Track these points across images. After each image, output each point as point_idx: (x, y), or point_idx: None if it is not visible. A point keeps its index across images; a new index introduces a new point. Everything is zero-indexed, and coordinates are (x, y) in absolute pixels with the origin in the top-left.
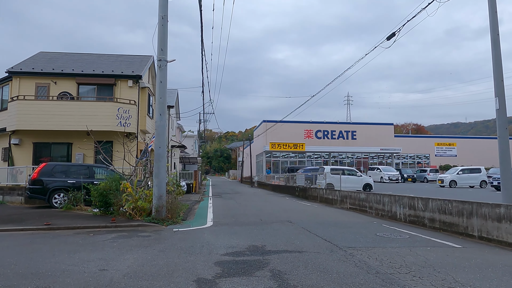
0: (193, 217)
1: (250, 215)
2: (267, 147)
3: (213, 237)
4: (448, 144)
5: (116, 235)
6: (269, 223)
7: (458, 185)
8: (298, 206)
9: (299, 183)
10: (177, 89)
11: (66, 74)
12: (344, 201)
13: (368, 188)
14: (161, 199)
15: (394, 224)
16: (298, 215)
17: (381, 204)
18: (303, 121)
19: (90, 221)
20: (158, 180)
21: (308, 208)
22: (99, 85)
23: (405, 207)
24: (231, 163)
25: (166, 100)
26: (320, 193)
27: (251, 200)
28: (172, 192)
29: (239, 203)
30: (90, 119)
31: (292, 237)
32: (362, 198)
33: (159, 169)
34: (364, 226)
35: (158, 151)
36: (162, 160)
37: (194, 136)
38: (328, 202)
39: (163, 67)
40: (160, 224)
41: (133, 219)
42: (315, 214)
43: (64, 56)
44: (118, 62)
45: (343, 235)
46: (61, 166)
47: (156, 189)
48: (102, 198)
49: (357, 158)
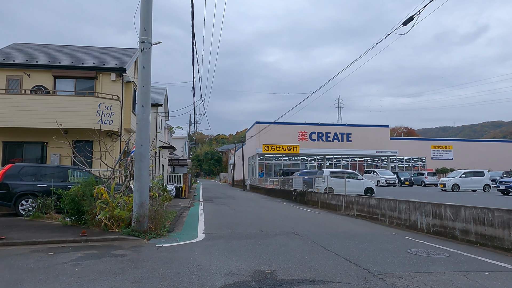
0: (182, 227)
1: (248, 224)
2: (260, 149)
3: (205, 257)
4: (444, 147)
5: (83, 253)
6: (273, 236)
7: (461, 189)
8: (299, 212)
9: (296, 187)
10: (166, 87)
11: (41, 66)
12: (350, 207)
13: (370, 192)
14: (142, 207)
15: (417, 236)
16: (303, 225)
17: (397, 211)
18: (297, 123)
19: (57, 234)
20: (140, 184)
21: (310, 215)
22: (79, 79)
23: (427, 216)
24: (222, 166)
25: (150, 89)
26: (321, 198)
27: (246, 206)
28: (157, 198)
29: (233, 209)
30: (68, 115)
31: (306, 256)
32: (373, 204)
33: (140, 171)
34: (386, 239)
35: (139, 150)
36: (145, 160)
37: (184, 137)
38: (330, 208)
39: (146, 50)
40: (141, 238)
41: (110, 230)
42: (322, 223)
43: (41, 47)
44: (100, 54)
45: (368, 253)
46: (31, 168)
47: (137, 195)
48: (73, 205)
49: (352, 161)
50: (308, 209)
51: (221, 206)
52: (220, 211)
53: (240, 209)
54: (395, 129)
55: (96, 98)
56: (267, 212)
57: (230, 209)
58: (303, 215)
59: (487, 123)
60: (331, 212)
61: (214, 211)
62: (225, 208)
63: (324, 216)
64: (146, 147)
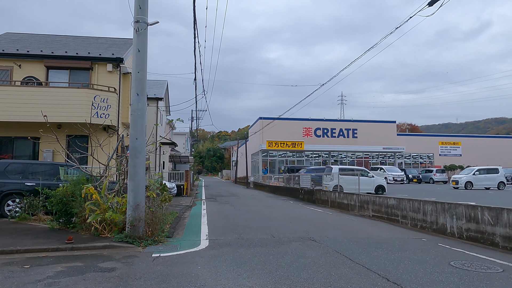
0: (183, 231)
1: (257, 227)
2: (264, 145)
3: (210, 273)
4: (452, 143)
5: (64, 267)
6: (286, 243)
7: (474, 187)
8: (309, 213)
9: (303, 185)
10: (166, 80)
11: (33, 56)
12: (365, 207)
13: (381, 190)
14: (137, 209)
15: (450, 242)
16: (317, 228)
17: (421, 213)
18: (301, 118)
19: (40, 240)
20: (134, 184)
21: (322, 216)
22: (73, 70)
23: (459, 219)
24: (224, 163)
25: (146, 75)
26: (332, 196)
27: (251, 205)
28: (155, 198)
29: (238, 209)
30: (61, 108)
31: (333, 272)
32: (392, 204)
33: (135, 169)
34: (418, 247)
35: (134, 144)
36: (140, 156)
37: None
38: (342, 208)
39: (141, 31)
40: (136, 245)
41: (101, 236)
42: (338, 226)
43: (34, 37)
44: (97, 44)
45: (405, 266)
46: (18, 165)
47: (132, 195)
48: (61, 207)
49: (357, 157)
50: (318, 209)
51: (224, 205)
52: (224, 211)
53: (245, 209)
54: (399, 126)
55: (91, 90)
56: (274, 213)
57: (234, 209)
58: (314, 216)
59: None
60: (343, 212)
61: (218, 211)
62: (229, 208)
63: (337, 217)
64: (141, 141)
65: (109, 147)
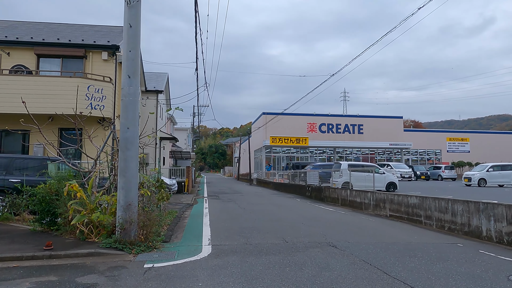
0: (182, 234)
1: (265, 229)
2: (267, 141)
3: None
4: (460, 139)
5: (35, 283)
6: (303, 249)
7: (488, 184)
8: (320, 212)
9: (310, 182)
10: (167, 73)
11: (22, 43)
12: (381, 206)
13: (392, 187)
14: (129, 209)
15: (491, 248)
16: (335, 230)
17: (449, 213)
18: (306, 114)
19: (15, 245)
20: (125, 180)
21: (335, 216)
22: (65, 58)
23: (499, 221)
24: (226, 159)
25: (139, 55)
26: (342, 194)
27: (257, 203)
28: (150, 197)
29: (243, 208)
30: (52, 99)
31: None
32: (413, 203)
33: (126, 163)
34: (458, 255)
35: (125, 135)
36: (132, 149)
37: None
38: (354, 207)
39: (134, 3)
40: (126, 251)
41: (87, 240)
42: (356, 228)
43: (25, 24)
44: (91, 32)
45: (456, 284)
46: (1, 159)
47: (122, 194)
48: (44, 207)
49: (363, 154)
50: (328, 207)
51: (228, 203)
52: (228, 210)
53: (251, 207)
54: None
55: (85, 79)
56: (283, 212)
57: (239, 208)
58: (327, 216)
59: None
60: (356, 211)
61: (221, 210)
62: (233, 207)
63: (352, 217)
64: (134, 131)
65: (103, 141)
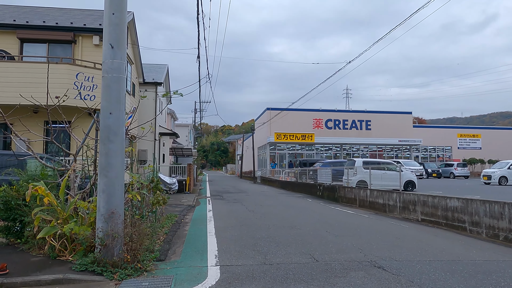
0: (182, 247)
1: (285, 241)
2: (272, 138)
3: None
4: (472, 135)
5: None
6: (340, 273)
7: (510, 182)
8: (340, 216)
9: (322, 180)
10: (167, 64)
11: (3, 26)
12: (410, 208)
13: (411, 186)
14: (111, 220)
15: None
16: (370, 242)
17: (506, 219)
18: (311, 109)
19: None
20: (107, 182)
21: (360, 220)
22: (52, 43)
23: None
24: (228, 157)
25: (125, 20)
26: (361, 194)
27: (266, 204)
28: (143, 201)
29: (251, 210)
30: (36, 88)
31: None
32: (454, 206)
33: (108, 159)
34: None
35: (107, 122)
36: (116, 140)
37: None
38: (375, 209)
39: None
40: (107, 277)
41: (59, 257)
42: (394, 238)
43: (9, 8)
44: (82, 16)
45: None
46: None
47: (103, 199)
48: (8, 214)
49: (370, 151)
50: (346, 209)
51: (234, 205)
52: (236, 214)
53: (260, 210)
54: None
55: (73, 66)
56: (298, 215)
57: (247, 210)
58: (350, 221)
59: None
60: (379, 214)
61: (228, 213)
62: (241, 209)
63: (379, 222)
64: (118, 117)
65: (93, 135)
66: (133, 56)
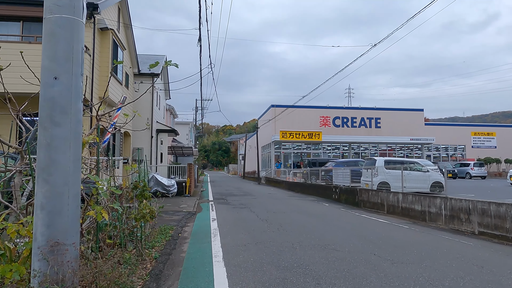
0: (177, 284)
1: (329, 274)
2: (277, 136)
3: None
4: (486, 133)
5: None
6: None
7: None
8: (378, 228)
9: (338, 182)
10: (165, 55)
11: None
12: (463, 218)
13: (438, 188)
14: (56, 255)
15: None
16: (442, 273)
17: None
18: (318, 106)
19: None
20: (49, 191)
21: (405, 234)
22: (27, 21)
23: None
24: (230, 157)
25: None
26: (390, 199)
27: (278, 210)
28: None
29: (264, 219)
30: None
31: None
32: None
33: (51, 153)
34: None
35: (49, 92)
36: (65, 124)
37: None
38: (410, 216)
39: None
40: None
41: None
42: (469, 264)
43: None
44: None
45: None
46: None
47: (42, 220)
48: None
49: (380, 149)
50: (375, 217)
51: (242, 211)
52: (246, 225)
53: (274, 218)
54: None
55: None
56: (325, 227)
57: (258, 219)
58: (393, 235)
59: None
60: (417, 223)
61: (235, 223)
62: (251, 217)
63: (431, 237)
64: (69, 85)
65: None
66: (126, 40)
